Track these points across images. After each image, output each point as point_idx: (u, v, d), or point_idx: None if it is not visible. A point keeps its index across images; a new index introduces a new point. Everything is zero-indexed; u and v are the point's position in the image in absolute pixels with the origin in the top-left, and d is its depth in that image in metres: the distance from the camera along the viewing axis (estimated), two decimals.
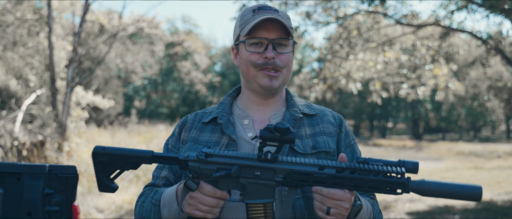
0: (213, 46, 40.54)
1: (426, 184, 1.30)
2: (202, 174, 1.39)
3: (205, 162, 1.39)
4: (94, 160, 1.46)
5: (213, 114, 1.67)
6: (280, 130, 1.30)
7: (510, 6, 7.91)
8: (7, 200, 2.08)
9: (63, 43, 12.21)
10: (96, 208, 7.37)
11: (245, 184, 1.38)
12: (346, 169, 1.34)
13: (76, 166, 2.18)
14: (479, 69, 17.44)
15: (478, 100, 29.99)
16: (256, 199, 1.37)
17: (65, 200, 2.19)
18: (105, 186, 1.47)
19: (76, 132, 11.19)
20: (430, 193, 1.30)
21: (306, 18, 9.98)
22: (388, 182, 1.30)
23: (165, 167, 1.67)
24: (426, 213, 8.00)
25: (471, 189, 1.28)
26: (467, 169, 14.96)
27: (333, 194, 1.33)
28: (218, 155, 1.39)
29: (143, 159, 1.45)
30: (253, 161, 1.38)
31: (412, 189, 1.30)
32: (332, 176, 1.33)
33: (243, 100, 1.69)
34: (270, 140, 1.33)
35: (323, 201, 1.34)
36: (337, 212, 1.34)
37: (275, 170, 1.36)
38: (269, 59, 1.54)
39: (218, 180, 1.39)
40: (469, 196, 1.29)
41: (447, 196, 1.30)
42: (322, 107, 1.74)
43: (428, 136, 40.43)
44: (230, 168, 1.37)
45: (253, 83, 1.60)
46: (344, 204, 1.34)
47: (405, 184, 1.30)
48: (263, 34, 1.54)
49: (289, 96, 1.71)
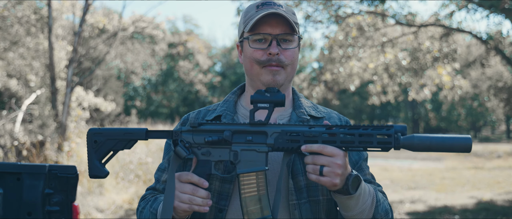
0: (213, 46, 40.53)
1: (415, 138, 1.30)
2: (195, 144, 1.41)
3: (198, 131, 1.40)
4: (88, 140, 1.47)
5: (217, 112, 1.64)
6: (270, 91, 1.35)
7: (510, 6, 7.91)
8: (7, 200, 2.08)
9: (63, 43, 12.21)
10: (96, 208, 7.37)
11: (237, 151, 1.38)
12: (336, 126, 1.35)
13: (76, 166, 2.18)
14: (479, 69, 17.43)
15: (478, 100, 29.97)
16: (248, 168, 1.37)
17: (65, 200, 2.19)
18: (96, 169, 1.47)
19: (76, 132, 11.19)
20: (420, 147, 1.30)
21: (307, 19, 9.97)
22: (378, 135, 1.31)
23: (166, 169, 1.65)
24: (426, 213, 8.00)
25: (461, 140, 1.29)
26: (467, 169, 14.95)
27: (323, 148, 1.31)
28: (210, 123, 1.42)
29: (138, 135, 1.46)
30: (244, 126, 1.39)
31: (403, 144, 1.30)
32: (323, 132, 1.34)
33: (248, 98, 1.65)
34: (260, 101, 1.35)
35: (315, 160, 1.31)
36: (330, 170, 1.30)
37: (267, 133, 1.37)
38: (273, 55, 1.51)
39: (210, 149, 1.40)
40: (459, 147, 1.29)
41: (437, 149, 1.30)
42: (329, 109, 1.72)
43: None
44: (222, 133, 1.39)
45: (256, 81, 1.57)
46: (336, 160, 1.30)
47: (395, 138, 1.30)
48: (266, 29, 1.51)
49: (295, 97, 1.68)
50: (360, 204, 1.39)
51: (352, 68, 11.28)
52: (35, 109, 11.06)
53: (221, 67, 39.61)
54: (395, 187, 11.07)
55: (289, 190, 1.49)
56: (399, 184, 11.45)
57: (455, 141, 1.29)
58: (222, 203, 1.51)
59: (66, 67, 11.47)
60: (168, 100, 34.96)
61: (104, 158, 1.47)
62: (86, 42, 15.32)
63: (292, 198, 1.49)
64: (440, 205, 8.65)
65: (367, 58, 11.24)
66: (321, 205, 1.52)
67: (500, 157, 19.08)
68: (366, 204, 1.41)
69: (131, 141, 1.47)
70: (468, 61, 16.71)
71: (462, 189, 10.80)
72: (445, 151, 1.30)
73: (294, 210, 1.48)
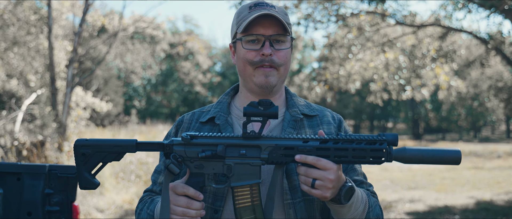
0: (213, 46, 40.54)
1: (407, 151, 1.36)
2: (187, 157, 1.39)
3: (190, 144, 1.39)
4: (75, 153, 1.43)
5: (210, 114, 1.64)
6: (263, 104, 1.34)
7: (510, 6, 7.91)
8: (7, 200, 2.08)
9: (63, 43, 12.21)
10: (96, 208, 7.37)
11: (230, 165, 1.38)
12: (330, 140, 1.37)
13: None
14: (479, 69, 17.44)
15: (478, 100, 29.98)
16: (242, 181, 1.38)
17: (65, 200, 2.19)
18: (86, 182, 1.43)
19: (76, 132, 11.19)
20: (412, 160, 1.36)
21: (307, 18, 9.97)
22: (370, 149, 1.34)
23: (162, 172, 1.65)
24: (426, 213, 8.01)
25: (451, 153, 1.36)
26: (467, 169, 14.95)
27: (317, 160, 1.32)
28: (203, 136, 1.40)
29: (127, 147, 1.43)
30: (238, 140, 1.39)
31: (395, 157, 1.35)
32: (317, 148, 1.36)
33: (241, 99, 1.66)
34: (254, 115, 1.35)
35: (308, 172, 1.33)
36: (322, 184, 1.32)
37: (260, 147, 1.38)
38: (266, 56, 1.51)
39: (203, 163, 1.39)
40: (449, 160, 1.36)
41: (428, 162, 1.36)
42: (322, 107, 1.72)
43: (428, 136, 40.39)
44: (215, 147, 1.38)
45: (249, 82, 1.58)
46: (328, 174, 1.32)
47: (388, 151, 1.35)
48: (259, 30, 1.52)
49: (289, 96, 1.68)
50: (352, 211, 1.42)
51: (352, 68, 11.28)
52: (35, 109, 11.06)
53: (221, 67, 39.63)
54: (395, 187, 11.07)
55: (284, 189, 1.50)
56: (399, 184, 11.46)
57: (445, 154, 1.36)
58: (217, 204, 1.51)
59: (66, 67, 11.47)
60: (168, 100, 34.97)
61: (94, 169, 1.44)
62: (86, 42, 15.32)
63: (286, 198, 1.49)
64: (440, 205, 8.65)
65: (367, 58, 11.25)
66: (316, 204, 1.53)
67: (500, 157, 19.08)
68: (358, 210, 1.44)
69: (121, 153, 1.44)
70: (468, 61, 16.71)
71: (462, 189, 10.80)
72: (436, 163, 1.36)
73: (289, 209, 1.49)
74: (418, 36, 10.66)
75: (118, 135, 13.41)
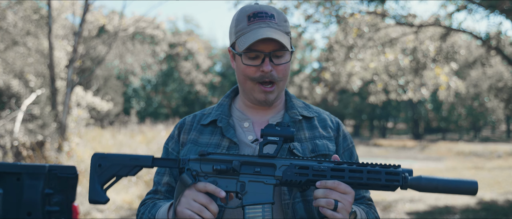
0: (213, 47, 40.54)
1: (423, 180, 1.34)
2: (202, 172, 1.39)
3: (206, 160, 1.39)
4: (92, 163, 1.43)
5: (212, 116, 1.65)
6: (280, 125, 1.37)
7: (510, 6, 7.91)
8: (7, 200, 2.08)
9: (63, 43, 12.21)
10: (96, 208, 7.37)
11: (244, 183, 1.38)
12: (344, 163, 1.37)
13: (76, 166, 2.18)
14: (479, 69, 17.44)
15: (478, 100, 29.97)
16: (255, 200, 1.37)
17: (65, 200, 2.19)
18: (96, 194, 1.42)
19: (76, 132, 11.19)
20: (427, 189, 1.34)
21: (307, 19, 9.97)
22: (386, 172, 1.34)
23: (166, 172, 1.64)
24: (426, 213, 8.00)
25: (467, 184, 1.33)
26: (467, 169, 14.95)
27: (338, 185, 1.33)
28: (219, 153, 1.41)
29: (143, 162, 1.44)
30: (253, 158, 1.40)
31: (410, 185, 1.34)
32: (332, 169, 1.36)
33: (241, 103, 1.67)
34: (271, 135, 1.37)
35: (328, 194, 1.33)
36: (343, 207, 1.33)
37: (275, 165, 1.38)
38: (266, 72, 1.51)
39: (217, 179, 1.39)
40: (465, 190, 1.33)
41: (444, 191, 1.34)
42: (320, 109, 1.72)
43: (428, 136, 40.41)
44: (230, 162, 1.38)
45: (249, 95, 1.59)
46: (348, 197, 1.33)
47: (403, 177, 1.34)
48: (259, 46, 1.50)
49: (288, 98, 1.69)
50: None
51: (352, 68, 11.29)
52: (35, 109, 11.06)
53: (221, 67, 39.62)
54: None
55: (282, 189, 1.50)
56: None
57: (461, 185, 1.33)
58: (219, 204, 1.51)
59: (66, 67, 11.47)
60: (168, 100, 34.97)
61: (107, 183, 1.45)
62: (86, 42, 15.32)
63: (284, 198, 1.49)
64: (440, 205, 8.65)
65: (368, 58, 11.25)
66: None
67: (500, 157, 19.08)
68: None
69: (136, 167, 1.45)
70: (468, 61, 16.70)
71: None
72: (451, 193, 1.34)
73: (287, 210, 1.49)
74: (419, 37, 10.66)
75: (117, 135, 13.42)
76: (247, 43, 1.48)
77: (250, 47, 1.49)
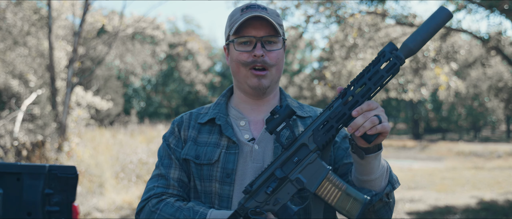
0: (213, 47, 40.55)
1: (410, 44, 1.35)
2: (261, 202, 1.38)
3: (254, 192, 1.38)
4: None
5: (209, 115, 1.65)
6: (275, 112, 1.36)
7: (510, 6, 7.91)
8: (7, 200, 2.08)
9: (63, 43, 12.21)
10: (96, 208, 7.37)
11: (298, 177, 1.36)
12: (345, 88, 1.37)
13: (76, 166, 2.18)
14: (479, 69, 17.44)
15: (478, 100, 29.98)
16: (317, 180, 1.35)
17: (65, 200, 2.19)
18: None
19: (76, 132, 11.19)
20: (418, 46, 1.35)
21: (307, 20, 9.97)
22: (381, 68, 1.34)
23: (172, 165, 1.60)
24: (426, 213, 8.01)
25: (440, 14, 1.35)
26: (467, 169, 14.95)
27: (369, 104, 1.32)
28: (257, 178, 1.39)
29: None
30: (283, 155, 1.38)
31: (406, 56, 1.35)
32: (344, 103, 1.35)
33: (237, 101, 1.68)
34: (277, 124, 1.36)
35: (367, 115, 1.30)
36: (384, 117, 1.32)
37: (304, 143, 1.37)
38: (258, 57, 1.54)
39: (277, 196, 1.37)
40: (443, 20, 1.35)
41: (430, 36, 1.35)
42: (314, 108, 1.73)
43: (428, 136, 40.40)
44: (274, 175, 1.37)
45: (243, 83, 1.60)
46: (381, 109, 1.33)
47: (396, 56, 1.34)
48: (251, 32, 1.55)
49: (283, 97, 1.70)
50: (381, 165, 1.41)
51: (353, 67, 11.29)
52: (35, 109, 11.06)
53: (222, 67, 39.63)
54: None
55: None
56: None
57: (437, 19, 1.35)
58: (223, 205, 1.51)
59: (66, 67, 11.47)
60: (168, 100, 34.98)
61: None
62: (86, 42, 15.32)
63: None
64: (440, 205, 8.65)
65: (369, 57, 11.25)
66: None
67: (500, 157, 19.08)
68: (384, 166, 1.43)
69: None
70: (468, 61, 16.71)
71: (462, 189, 10.80)
72: (436, 31, 1.35)
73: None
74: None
75: (117, 135, 13.41)
76: (238, 24, 1.54)
77: (242, 31, 1.55)
